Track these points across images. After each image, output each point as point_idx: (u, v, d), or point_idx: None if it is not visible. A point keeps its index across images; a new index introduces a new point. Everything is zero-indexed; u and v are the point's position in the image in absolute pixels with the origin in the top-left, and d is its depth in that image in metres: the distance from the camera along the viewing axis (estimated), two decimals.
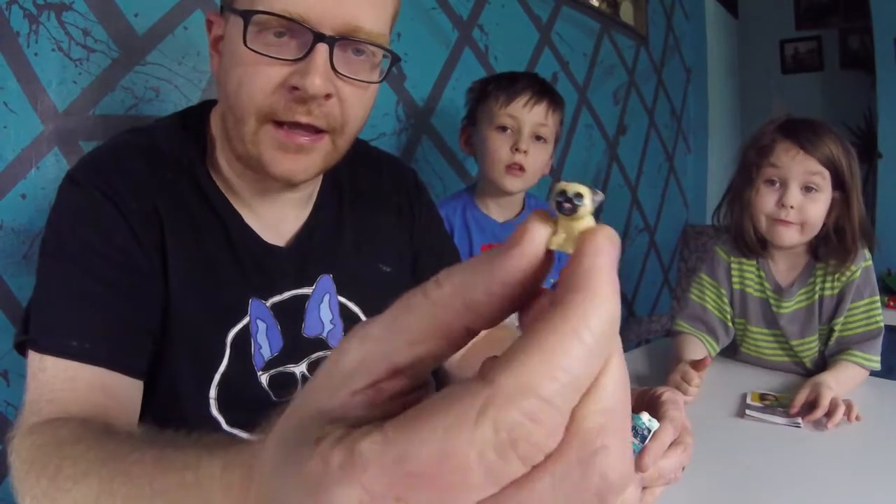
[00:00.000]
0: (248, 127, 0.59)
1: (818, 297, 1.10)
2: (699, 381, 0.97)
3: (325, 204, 0.74)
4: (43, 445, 0.45)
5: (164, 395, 0.63)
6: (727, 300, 1.18)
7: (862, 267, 1.08)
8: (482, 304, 0.18)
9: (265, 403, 0.68)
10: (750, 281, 1.16)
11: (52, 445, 0.45)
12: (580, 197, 0.18)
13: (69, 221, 0.60)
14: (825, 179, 1.03)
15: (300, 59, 0.57)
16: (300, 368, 0.70)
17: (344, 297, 0.73)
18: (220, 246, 0.65)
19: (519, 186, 1.24)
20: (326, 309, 0.72)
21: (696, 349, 1.13)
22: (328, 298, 0.72)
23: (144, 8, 1.00)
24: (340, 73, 0.59)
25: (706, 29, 3.13)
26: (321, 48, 0.57)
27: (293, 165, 0.61)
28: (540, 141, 1.23)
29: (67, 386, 0.54)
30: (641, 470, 0.58)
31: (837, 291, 1.09)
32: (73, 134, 0.94)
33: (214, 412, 0.65)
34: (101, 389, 0.55)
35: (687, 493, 0.67)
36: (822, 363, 1.11)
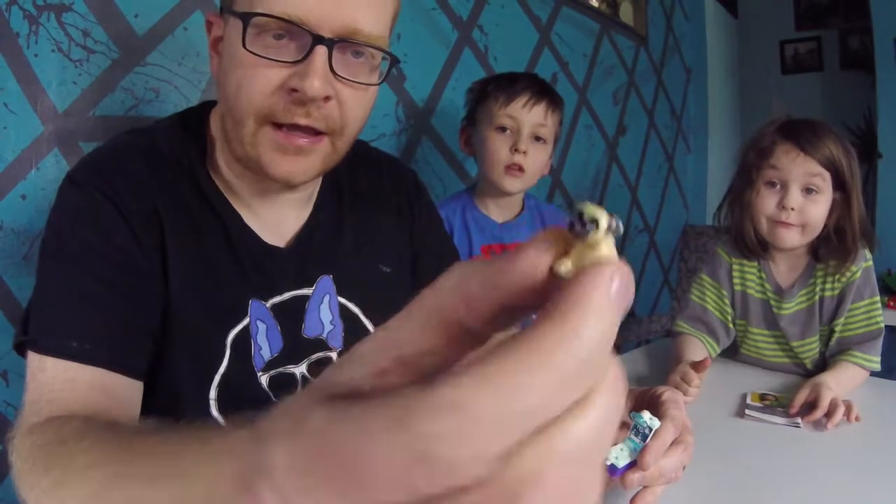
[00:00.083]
0: (247, 129, 0.59)
1: (818, 297, 1.10)
2: (699, 381, 0.97)
3: (324, 204, 0.74)
4: (50, 439, 0.46)
5: (164, 395, 0.63)
6: (728, 301, 1.18)
7: (862, 267, 1.08)
8: (478, 301, 0.18)
9: (265, 404, 0.67)
10: (751, 282, 1.16)
11: (59, 440, 0.45)
12: (595, 222, 0.17)
13: (69, 222, 0.60)
14: (825, 181, 1.03)
15: (299, 61, 0.57)
16: (300, 369, 0.70)
17: (344, 297, 0.73)
18: (219, 246, 0.65)
19: (518, 187, 1.24)
20: (326, 310, 0.72)
21: (696, 350, 1.13)
22: (328, 299, 0.72)
23: (144, 9, 1.00)
24: (339, 75, 0.59)
25: (706, 29, 3.13)
26: (320, 50, 0.57)
27: (292, 167, 0.61)
28: (539, 141, 1.23)
29: (67, 386, 0.54)
30: (643, 469, 0.58)
31: (838, 292, 1.09)
32: (73, 135, 0.94)
33: (214, 413, 0.65)
34: (101, 390, 0.55)
35: (687, 492, 0.67)
36: (822, 364, 1.11)
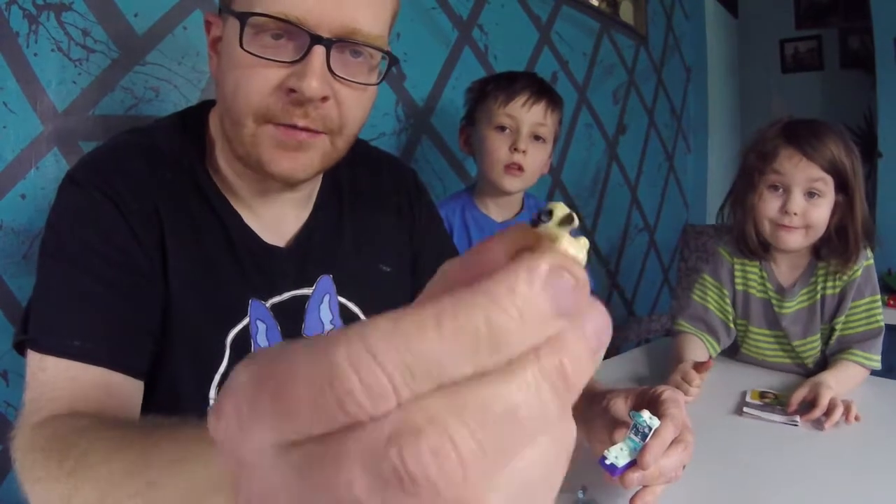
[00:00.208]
0: (246, 129, 0.59)
1: (820, 296, 1.10)
2: (700, 381, 0.97)
3: (324, 204, 0.74)
4: (64, 432, 0.46)
5: (164, 395, 0.63)
6: (729, 301, 1.18)
7: (863, 266, 1.08)
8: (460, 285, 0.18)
9: None
10: (753, 282, 1.16)
11: (75, 430, 0.45)
12: (550, 214, 0.18)
13: (69, 222, 0.60)
14: (828, 185, 1.03)
15: (297, 61, 0.57)
16: None
17: (344, 297, 0.73)
18: (219, 246, 0.65)
19: (518, 186, 1.24)
20: (326, 309, 0.72)
21: (696, 349, 1.13)
22: (328, 299, 0.72)
23: (144, 8, 1.00)
24: (338, 75, 0.59)
25: (706, 28, 3.13)
26: (318, 50, 0.57)
27: (292, 164, 0.61)
28: (539, 140, 1.23)
29: (69, 385, 0.54)
30: (643, 468, 0.58)
31: (839, 290, 1.09)
32: (72, 134, 0.94)
33: None
34: (103, 389, 0.55)
35: (687, 491, 0.67)
36: (823, 364, 1.11)
